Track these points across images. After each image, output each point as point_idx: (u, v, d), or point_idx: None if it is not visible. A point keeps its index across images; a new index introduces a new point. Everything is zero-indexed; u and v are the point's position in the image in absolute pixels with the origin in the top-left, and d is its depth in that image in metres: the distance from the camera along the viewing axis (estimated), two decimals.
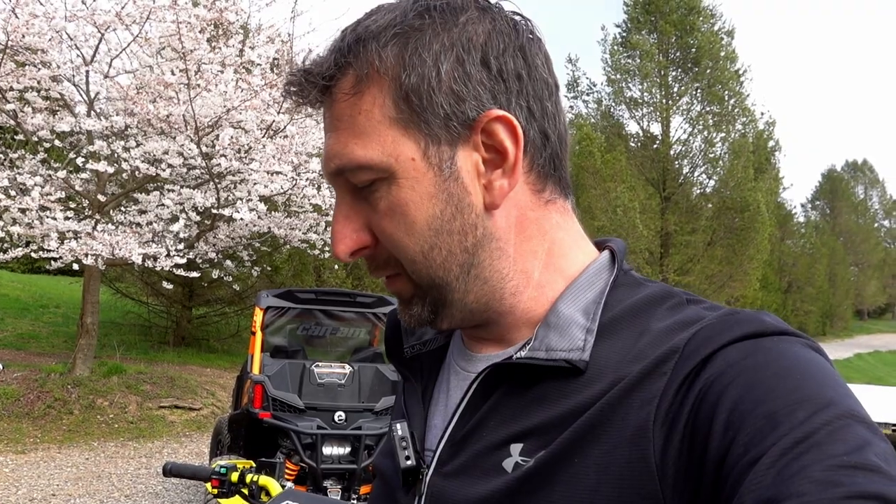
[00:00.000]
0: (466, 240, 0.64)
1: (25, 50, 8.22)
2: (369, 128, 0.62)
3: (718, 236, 19.83)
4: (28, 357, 11.23)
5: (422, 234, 0.63)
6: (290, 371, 5.34)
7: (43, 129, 8.71)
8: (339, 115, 0.63)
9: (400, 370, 0.79)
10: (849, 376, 21.03)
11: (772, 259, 30.54)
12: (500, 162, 0.63)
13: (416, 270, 0.65)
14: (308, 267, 14.72)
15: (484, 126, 0.62)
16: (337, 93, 0.63)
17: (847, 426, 0.47)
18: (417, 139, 0.62)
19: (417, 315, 0.67)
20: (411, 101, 0.61)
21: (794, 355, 0.53)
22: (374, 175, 0.62)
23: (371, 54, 0.61)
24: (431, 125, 0.62)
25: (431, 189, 0.62)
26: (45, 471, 7.13)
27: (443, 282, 0.65)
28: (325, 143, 0.65)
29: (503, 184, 0.64)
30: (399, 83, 0.61)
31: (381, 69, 0.61)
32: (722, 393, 0.52)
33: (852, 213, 60.47)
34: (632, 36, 20.68)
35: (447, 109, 0.61)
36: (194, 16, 8.30)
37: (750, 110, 20.87)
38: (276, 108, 8.59)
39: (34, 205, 7.91)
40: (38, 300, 16.26)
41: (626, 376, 0.58)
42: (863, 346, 34.71)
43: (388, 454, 0.75)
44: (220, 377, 11.65)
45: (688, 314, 0.61)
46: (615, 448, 0.55)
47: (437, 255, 0.64)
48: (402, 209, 0.62)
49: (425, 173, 0.62)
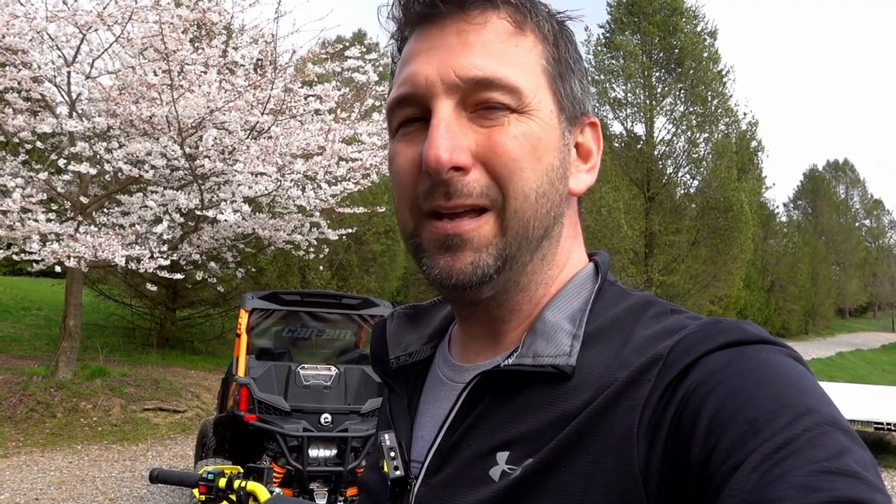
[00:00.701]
0: (558, 208, 0.67)
1: (6, 50, 8.13)
2: (526, 63, 0.65)
3: (702, 236, 19.95)
4: (10, 360, 11.10)
5: (540, 175, 0.64)
6: (276, 373, 5.32)
7: (24, 130, 8.63)
8: (492, 37, 0.64)
9: (385, 380, 0.79)
10: (831, 375, 21.25)
11: (755, 258, 30.79)
12: (585, 160, 0.72)
13: (519, 209, 0.63)
14: (293, 268, 14.67)
15: (585, 125, 0.71)
16: (494, 15, 0.65)
17: (827, 433, 0.48)
18: (555, 99, 0.67)
19: (483, 266, 0.63)
20: (560, 66, 0.68)
21: (776, 363, 0.54)
22: (515, 102, 0.63)
23: (540, 9, 0.67)
24: (564, 95, 0.68)
25: (556, 143, 0.66)
26: (28, 475, 7.06)
27: (532, 235, 0.65)
28: (458, 52, 0.63)
29: (588, 179, 0.71)
30: (556, 48, 0.68)
31: (544, 27, 0.67)
32: (704, 399, 0.53)
33: (834, 212, 61.04)
34: (615, 37, 20.75)
35: (577, 94, 0.69)
36: (177, 16, 8.25)
37: (733, 111, 21.00)
38: (261, 109, 8.56)
39: (16, 207, 7.82)
40: (20, 302, 16.08)
41: (611, 383, 0.59)
42: (845, 345, 35.05)
43: (372, 467, 0.76)
44: (205, 379, 11.58)
45: (671, 322, 0.62)
46: (601, 455, 0.56)
47: (543, 203, 0.65)
48: (535, 141, 0.64)
49: (556, 128, 0.66)
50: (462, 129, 0.63)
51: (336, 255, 14.77)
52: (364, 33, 27.08)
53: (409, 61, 0.66)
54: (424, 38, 0.65)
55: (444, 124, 0.62)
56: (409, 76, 0.65)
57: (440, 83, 0.63)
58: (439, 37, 0.64)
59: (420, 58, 0.65)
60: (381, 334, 0.80)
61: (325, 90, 9.43)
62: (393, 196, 0.70)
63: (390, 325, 0.81)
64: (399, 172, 0.66)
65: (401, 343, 0.79)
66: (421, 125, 0.65)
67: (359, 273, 16.10)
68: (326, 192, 9.42)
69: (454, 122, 0.62)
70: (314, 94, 9.48)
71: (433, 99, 0.63)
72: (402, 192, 0.66)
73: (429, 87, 0.63)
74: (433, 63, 0.63)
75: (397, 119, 0.67)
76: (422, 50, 0.65)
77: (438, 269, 0.64)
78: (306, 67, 9.16)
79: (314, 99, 9.48)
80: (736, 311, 29.46)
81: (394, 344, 0.79)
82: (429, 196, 0.63)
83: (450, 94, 0.63)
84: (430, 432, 0.70)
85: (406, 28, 0.68)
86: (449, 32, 0.64)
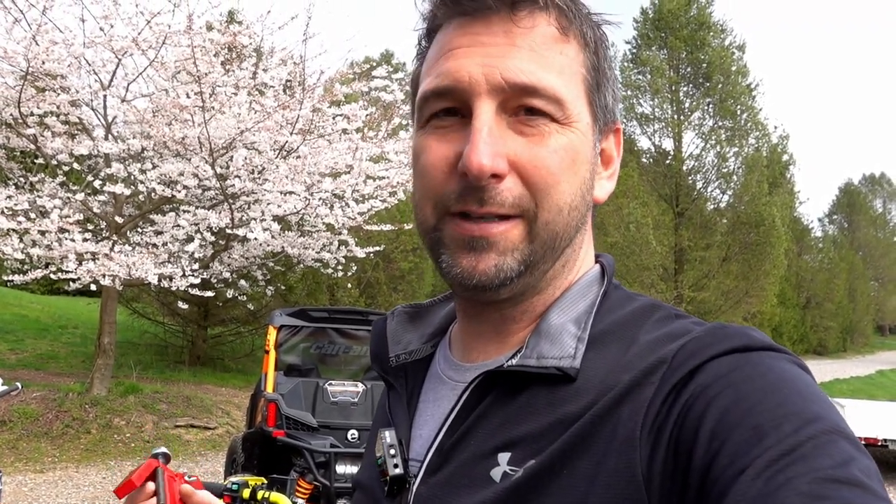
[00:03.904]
0: (584, 217, 0.67)
1: (45, 76, 8.40)
2: (569, 73, 0.64)
3: (733, 252, 19.67)
4: (47, 377, 11.33)
5: (575, 189, 0.64)
6: (304, 389, 5.36)
7: (62, 152, 8.87)
8: (539, 42, 0.63)
9: (385, 378, 0.79)
10: (871, 393, 20.68)
11: (789, 274, 30.22)
12: (606, 166, 0.72)
13: (550, 221, 0.63)
14: (322, 286, 14.77)
15: (610, 131, 0.71)
16: (542, 18, 0.63)
17: (833, 441, 0.48)
18: (591, 110, 0.67)
19: (506, 270, 0.62)
20: (598, 75, 0.67)
21: (781, 370, 0.54)
22: (557, 112, 0.63)
23: (584, 17, 0.67)
24: (599, 106, 0.68)
25: (589, 156, 0.67)
26: (63, 490, 7.19)
27: (558, 245, 0.64)
28: (505, 54, 0.62)
29: (609, 186, 0.72)
30: (596, 56, 0.67)
31: (587, 34, 0.66)
32: (709, 404, 0.53)
33: (871, 226, 59.72)
34: (642, 52, 20.72)
35: (610, 103, 0.69)
36: (209, 40, 8.47)
37: (763, 124, 20.77)
38: (289, 129, 8.70)
39: (53, 227, 8.03)
40: (57, 321, 16.43)
41: (614, 386, 0.58)
42: (885, 363, 34.06)
43: (368, 465, 0.76)
44: (235, 396, 11.70)
45: (676, 327, 0.62)
46: (604, 458, 0.56)
47: (574, 216, 0.65)
48: (573, 156, 0.64)
49: (590, 139, 0.67)
50: (503, 135, 0.61)
51: (364, 272, 14.85)
52: (391, 53, 27.44)
53: (449, 54, 0.64)
54: (467, 32, 0.63)
55: (487, 128, 0.61)
56: (451, 70, 0.63)
57: (485, 83, 0.61)
58: (485, 34, 0.62)
59: (463, 52, 0.63)
60: (382, 332, 0.80)
61: (352, 110, 9.56)
62: (413, 187, 0.69)
63: (391, 324, 0.80)
64: (428, 168, 0.64)
65: (401, 341, 0.78)
66: (456, 121, 0.64)
67: (387, 291, 16.15)
68: (354, 210, 9.52)
69: (495, 127, 0.61)
70: (342, 114, 9.61)
71: (475, 98, 0.62)
72: (426, 188, 0.65)
73: (472, 84, 0.61)
74: (477, 60, 0.62)
75: (430, 109, 0.65)
76: (464, 44, 0.63)
77: (460, 268, 0.63)
78: (334, 87, 9.30)
79: (342, 118, 9.62)
80: (770, 329, 28.88)
81: (394, 342, 0.78)
82: (461, 199, 0.62)
83: (493, 95, 0.61)
84: (430, 431, 0.69)
85: (443, 13, 0.66)
86: (496, 31, 0.62)
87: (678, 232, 19.97)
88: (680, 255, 19.95)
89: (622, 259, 16.94)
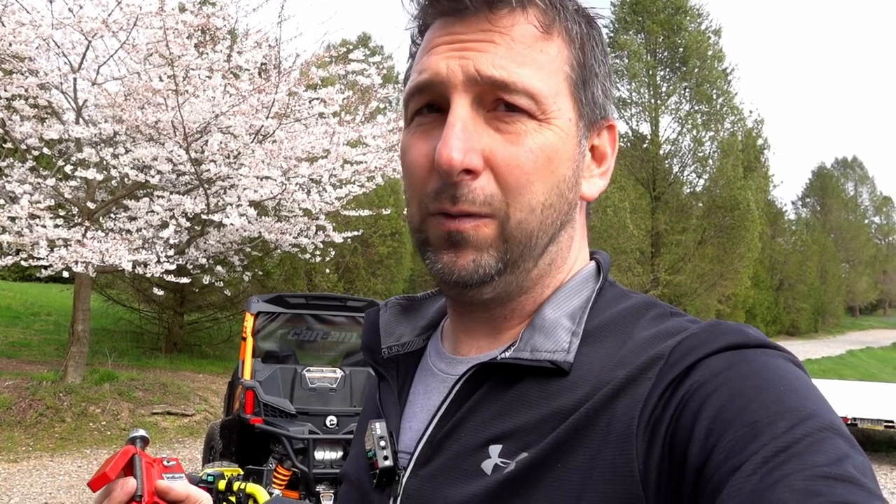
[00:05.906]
0: (566, 216, 0.67)
1: (13, 58, 8.19)
2: (549, 68, 0.64)
3: (709, 235, 19.91)
4: (19, 365, 11.17)
5: (551, 188, 0.64)
6: (282, 376, 5.34)
7: (31, 136, 8.69)
8: (517, 41, 0.63)
9: (376, 370, 0.79)
10: (841, 373, 21.13)
11: (763, 257, 30.67)
12: (599, 164, 0.71)
13: (523, 220, 0.63)
14: (299, 271, 14.69)
15: (603, 128, 0.70)
16: (521, 17, 0.63)
17: (827, 438, 0.48)
18: (576, 106, 0.66)
19: (484, 266, 0.63)
20: (584, 72, 0.67)
21: (777, 367, 0.55)
22: (533, 107, 0.62)
23: (569, 12, 0.66)
24: (585, 102, 0.67)
25: (572, 153, 0.66)
26: (38, 479, 7.11)
27: (534, 243, 0.64)
28: (481, 50, 0.62)
29: (602, 183, 0.71)
30: (582, 52, 0.67)
31: (572, 30, 0.66)
32: (705, 400, 0.53)
33: (843, 209, 60.74)
34: (619, 36, 20.75)
35: (598, 99, 0.68)
36: (181, 22, 8.29)
37: (738, 109, 20.98)
38: (265, 113, 8.60)
39: (23, 213, 7.88)
40: (28, 308, 16.18)
41: (609, 381, 0.59)
42: (855, 343, 34.80)
43: (355, 457, 0.75)
44: (213, 383, 11.63)
45: (672, 325, 0.62)
46: (599, 452, 0.56)
47: (549, 214, 0.64)
48: (549, 154, 0.63)
49: (573, 136, 0.66)
50: (478, 130, 0.62)
51: (342, 257, 14.79)
52: (368, 36, 27.12)
53: (430, 51, 0.65)
54: (448, 31, 0.64)
55: (460, 123, 0.61)
56: (431, 64, 0.64)
57: (461, 74, 0.62)
58: (464, 32, 0.63)
59: (442, 49, 0.64)
60: (374, 323, 0.79)
61: (329, 93, 9.45)
62: (404, 186, 0.70)
63: (384, 315, 0.80)
64: (412, 167, 0.66)
65: (393, 333, 0.78)
66: (436, 116, 0.65)
67: (365, 276, 16.11)
68: (332, 195, 9.45)
69: (470, 122, 0.62)
70: (318, 98, 9.51)
71: (452, 91, 0.62)
72: (412, 187, 0.66)
73: (449, 76, 0.62)
74: (454, 55, 0.63)
75: (414, 106, 0.66)
76: (444, 42, 0.64)
77: (442, 263, 0.64)
78: (310, 71, 9.19)
79: (318, 102, 9.51)
80: (744, 310, 29.34)
81: (386, 334, 0.78)
82: (437, 198, 0.63)
83: (468, 88, 0.62)
84: (420, 423, 0.69)
85: (428, 14, 0.67)
86: (474, 30, 0.63)
87: (655, 216, 20.15)
88: (656, 238, 20.15)
89: (599, 243, 17.06)
